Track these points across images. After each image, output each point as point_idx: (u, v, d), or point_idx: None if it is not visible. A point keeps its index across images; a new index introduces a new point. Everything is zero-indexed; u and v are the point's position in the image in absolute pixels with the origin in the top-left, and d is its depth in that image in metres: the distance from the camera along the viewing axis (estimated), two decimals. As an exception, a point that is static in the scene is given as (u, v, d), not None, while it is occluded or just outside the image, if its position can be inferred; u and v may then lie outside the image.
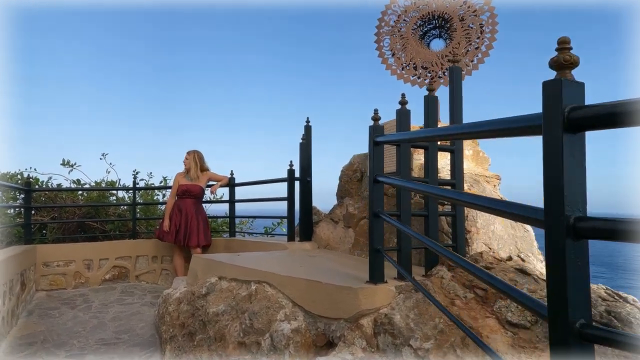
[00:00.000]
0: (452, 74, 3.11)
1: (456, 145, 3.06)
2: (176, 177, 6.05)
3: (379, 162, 2.71)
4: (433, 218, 2.92)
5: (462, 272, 2.64)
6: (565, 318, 1.12)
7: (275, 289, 3.11)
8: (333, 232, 4.78)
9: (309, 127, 5.26)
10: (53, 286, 6.10)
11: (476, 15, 4.29)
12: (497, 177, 3.78)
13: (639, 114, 0.96)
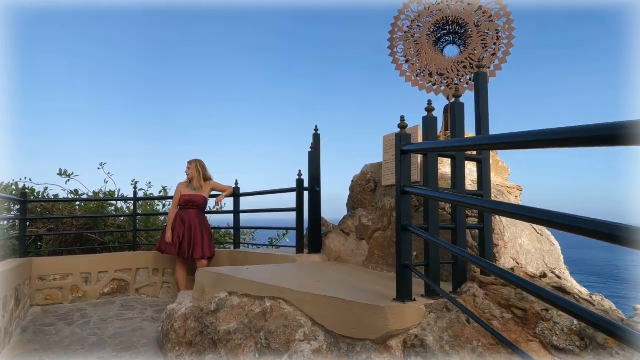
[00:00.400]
0: (477, 80, 2.98)
1: (483, 155, 2.91)
2: (178, 187, 5.85)
3: (407, 172, 2.55)
4: (461, 231, 2.76)
5: (496, 289, 2.48)
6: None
7: (293, 306, 2.92)
8: (344, 244, 4.61)
9: (318, 136, 5.11)
10: (49, 301, 5.86)
11: (492, 20, 4.17)
12: (518, 187, 3.64)
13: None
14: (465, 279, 2.78)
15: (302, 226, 5.05)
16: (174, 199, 5.84)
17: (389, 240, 3.88)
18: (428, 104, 2.76)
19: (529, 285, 1.54)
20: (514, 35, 4.09)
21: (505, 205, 1.76)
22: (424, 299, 2.60)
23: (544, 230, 3.32)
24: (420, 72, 4.26)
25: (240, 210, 6.10)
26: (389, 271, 3.82)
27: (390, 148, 4.03)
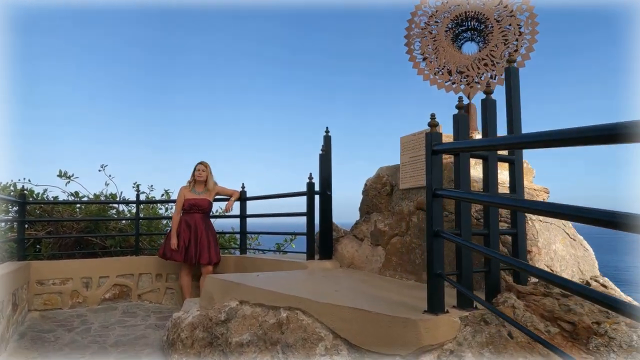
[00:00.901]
0: (508, 76, 2.79)
1: (516, 156, 2.72)
2: (181, 191, 5.63)
3: (438, 174, 2.36)
4: (494, 237, 2.56)
5: (537, 300, 2.29)
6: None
7: (311, 317, 2.72)
8: (358, 250, 4.41)
9: (329, 137, 4.91)
10: (48, 306, 5.65)
11: (513, 15, 3.99)
12: (545, 190, 3.45)
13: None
14: (498, 289, 2.58)
15: (313, 231, 4.85)
16: (177, 203, 5.63)
17: (408, 246, 3.69)
18: (459, 101, 2.58)
19: (607, 299, 1.35)
20: (537, 30, 3.90)
21: (563, 208, 1.56)
22: (457, 310, 2.40)
23: (577, 235, 3.13)
24: (438, 70, 4.07)
25: (247, 214, 5.89)
26: (408, 279, 3.62)
27: (409, 150, 3.85)
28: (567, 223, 3.16)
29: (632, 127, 1.21)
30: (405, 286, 3.32)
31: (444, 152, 2.40)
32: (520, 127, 2.75)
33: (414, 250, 3.61)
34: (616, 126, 1.27)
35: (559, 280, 1.62)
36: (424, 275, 3.48)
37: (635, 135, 1.20)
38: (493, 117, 2.65)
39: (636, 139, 1.21)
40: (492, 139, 2.33)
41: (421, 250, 3.53)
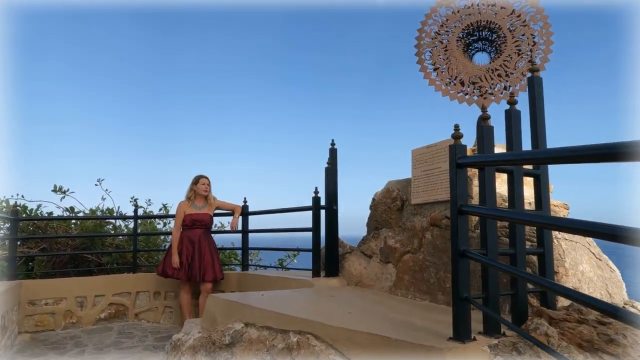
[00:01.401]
0: (532, 86, 2.65)
1: (541, 170, 2.56)
2: (181, 206, 5.40)
3: (463, 189, 2.20)
4: (521, 257, 2.39)
5: (572, 327, 2.11)
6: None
7: (324, 342, 2.53)
8: (366, 268, 4.22)
9: (335, 150, 4.75)
10: (39, 327, 5.41)
11: (526, 25, 3.87)
12: (565, 206, 3.29)
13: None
14: (526, 314, 2.40)
15: (319, 247, 4.66)
16: (176, 219, 5.39)
17: (421, 265, 3.50)
18: (483, 111, 2.42)
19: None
20: (552, 40, 3.78)
21: (606, 227, 1.40)
22: (484, 337, 2.21)
23: (602, 255, 2.96)
24: (450, 80, 3.94)
25: (249, 229, 5.69)
26: (422, 299, 3.44)
27: (421, 163, 3.69)
28: (591, 242, 2.99)
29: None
30: (421, 307, 3.14)
31: (469, 166, 2.24)
32: (545, 139, 2.60)
33: (427, 269, 3.43)
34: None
35: (610, 309, 1.45)
36: (439, 295, 3.30)
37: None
38: (518, 129, 2.50)
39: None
40: (522, 153, 2.18)
41: (436, 269, 3.35)
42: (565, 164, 1.81)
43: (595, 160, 1.47)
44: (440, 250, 3.33)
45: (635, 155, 1.27)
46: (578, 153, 1.56)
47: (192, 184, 5.41)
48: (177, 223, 5.36)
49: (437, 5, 4.11)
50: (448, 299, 3.20)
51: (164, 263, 5.32)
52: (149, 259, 6.77)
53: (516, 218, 1.99)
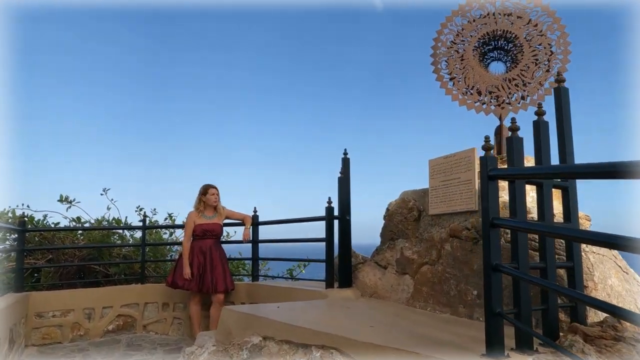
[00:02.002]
0: (558, 96, 2.61)
1: (570, 183, 2.52)
2: (191, 217, 5.28)
3: (495, 202, 2.15)
4: (552, 271, 2.35)
5: (609, 345, 2.05)
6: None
7: (349, 357, 2.47)
8: (381, 279, 4.16)
9: (347, 160, 4.71)
10: (46, 340, 5.33)
11: (543, 35, 3.85)
12: (587, 217, 3.24)
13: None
14: (557, 329, 2.35)
15: (332, 257, 4.61)
16: (186, 230, 5.27)
17: (440, 276, 3.45)
18: (512, 122, 2.39)
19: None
20: (569, 50, 3.76)
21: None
22: (517, 353, 2.16)
23: (629, 268, 2.92)
24: (467, 90, 3.91)
25: (259, 239, 5.63)
26: (442, 312, 3.38)
27: (439, 173, 3.65)
28: (617, 255, 2.94)
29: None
30: (443, 321, 3.08)
31: (501, 178, 2.20)
32: (573, 151, 2.57)
33: (447, 281, 3.37)
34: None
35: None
36: (460, 308, 3.24)
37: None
38: (546, 140, 2.46)
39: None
40: (556, 167, 2.15)
41: (456, 281, 3.29)
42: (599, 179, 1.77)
43: (632, 177, 1.44)
44: (461, 262, 3.28)
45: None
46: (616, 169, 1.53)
47: (201, 194, 5.31)
48: (187, 233, 5.25)
49: (453, 14, 4.09)
50: (470, 312, 3.14)
51: (173, 274, 5.22)
52: (156, 269, 6.70)
53: (550, 232, 1.95)
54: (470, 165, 3.35)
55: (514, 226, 2.10)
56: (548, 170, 2.08)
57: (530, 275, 2.17)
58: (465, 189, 3.37)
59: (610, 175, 1.58)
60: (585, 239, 1.79)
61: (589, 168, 1.70)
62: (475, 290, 3.14)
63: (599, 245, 1.95)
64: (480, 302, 3.06)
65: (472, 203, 3.30)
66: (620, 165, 1.48)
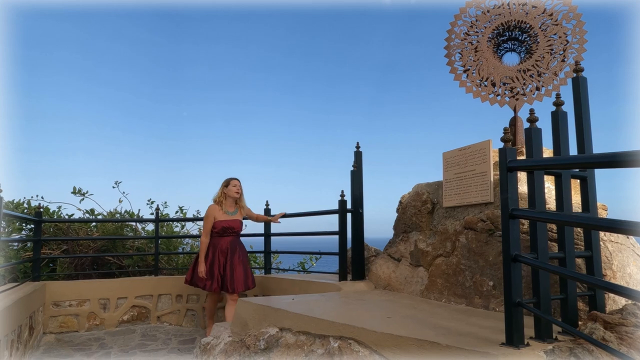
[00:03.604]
0: (577, 87, 2.60)
1: (588, 172, 2.52)
2: (211, 211, 4.94)
3: (514, 193, 2.16)
4: (571, 260, 2.35)
5: (630, 332, 2.06)
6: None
7: (369, 348, 2.49)
8: (395, 271, 4.18)
9: (360, 153, 4.73)
10: (63, 328, 5.43)
11: (558, 24, 3.82)
12: (603, 207, 3.24)
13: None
14: (576, 318, 2.36)
15: (346, 250, 4.63)
16: (206, 225, 4.95)
17: (455, 268, 3.46)
18: (530, 113, 2.38)
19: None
20: (585, 39, 3.72)
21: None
22: (536, 342, 2.17)
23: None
24: (481, 82, 3.89)
25: (271, 233, 5.67)
26: (457, 303, 3.39)
27: (453, 166, 3.65)
28: (635, 243, 2.94)
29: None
30: (460, 312, 3.09)
31: (520, 169, 2.20)
32: (591, 141, 2.56)
33: (462, 272, 3.38)
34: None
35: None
36: (475, 299, 3.25)
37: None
38: (565, 131, 2.46)
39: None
40: (577, 157, 2.13)
41: (472, 273, 3.30)
42: (622, 168, 1.77)
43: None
44: (476, 253, 3.28)
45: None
46: (637, 157, 1.54)
47: (223, 187, 5.07)
48: (206, 229, 4.95)
49: (467, 5, 4.07)
50: (485, 303, 3.16)
51: (192, 272, 4.98)
52: (169, 262, 6.77)
53: (571, 221, 1.95)
54: (486, 157, 3.35)
55: (534, 216, 2.10)
56: (568, 161, 2.07)
57: (552, 265, 2.17)
58: (480, 181, 3.37)
59: (630, 164, 1.59)
60: (606, 227, 1.79)
61: (609, 157, 1.70)
62: (491, 281, 3.15)
63: (620, 232, 1.95)
64: (496, 292, 3.07)
65: (488, 195, 3.30)
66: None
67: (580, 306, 2.57)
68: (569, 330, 2.01)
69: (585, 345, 2.04)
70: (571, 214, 2.30)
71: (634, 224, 1.58)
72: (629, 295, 1.66)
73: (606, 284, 1.76)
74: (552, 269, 2.04)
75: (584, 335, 1.91)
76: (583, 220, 1.96)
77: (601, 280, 1.85)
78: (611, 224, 1.73)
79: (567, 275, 2.00)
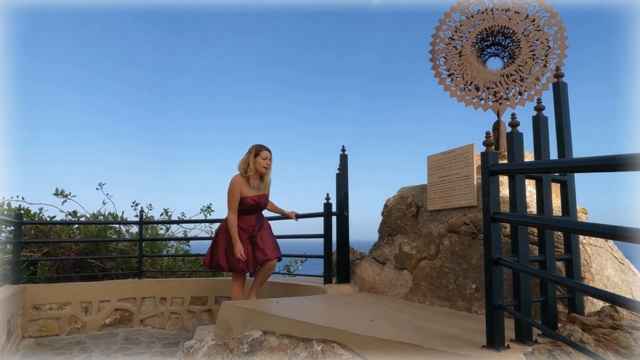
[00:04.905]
0: (557, 92, 2.64)
1: (568, 177, 2.55)
2: (237, 183, 4.09)
3: (496, 197, 2.18)
4: (551, 263, 2.38)
5: (607, 334, 2.09)
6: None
7: (352, 351, 2.50)
8: (380, 274, 4.19)
9: (345, 156, 4.74)
10: (43, 332, 5.33)
11: (540, 30, 3.88)
12: (583, 210, 3.28)
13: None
14: (556, 320, 2.39)
15: (331, 253, 4.63)
16: (232, 200, 4.07)
17: (439, 271, 3.48)
18: (512, 118, 2.41)
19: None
20: (567, 44, 3.79)
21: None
22: (517, 344, 2.20)
23: (624, 259, 2.97)
24: (465, 86, 3.93)
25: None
26: (441, 305, 3.41)
27: (437, 169, 3.67)
28: (613, 246, 2.99)
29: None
30: (443, 314, 3.11)
31: (502, 173, 2.23)
32: (571, 145, 2.60)
33: (446, 275, 3.41)
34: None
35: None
36: (458, 302, 3.28)
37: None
38: (546, 135, 2.50)
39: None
40: (557, 162, 2.17)
41: (455, 275, 3.33)
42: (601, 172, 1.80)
43: (633, 169, 1.48)
44: (460, 256, 3.31)
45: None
46: (616, 162, 1.57)
47: (250, 155, 4.16)
48: (233, 205, 4.08)
49: (452, 10, 4.11)
50: (468, 305, 3.18)
51: (222, 255, 4.19)
52: (153, 264, 6.70)
53: (551, 224, 1.98)
54: (469, 161, 3.38)
55: (515, 220, 2.13)
56: (548, 165, 2.11)
57: (532, 268, 2.20)
58: (463, 185, 3.40)
59: (610, 168, 1.61)
60: (585, 230, 1.83)
61: (589, 162, 1.73)
62: (473, 284, 3.17)
63: (599, 236, 1.99)
64: (479, 295, 3.10)
65: (471, 198, 3.33)
66: (620, 158, 1.53)
67: (560, 308, 2.60)
68: (549, 333, 2.04)
69: (563, 347, 2.07)
70: (551, 218, 2.33)
71: (612, 228, 1.60)
72: (607, 298, 1.68)
73: (584, 287, 1.78)
74: (532, 272, 2.06)
75: (562, 338, 1.94)
76: (563, 224, 1.99)
77: (579, 283, 1.88)
78: (590, 228, 1.76)
79: (547, 278, 2.02)
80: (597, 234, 1.77)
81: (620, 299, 1.64)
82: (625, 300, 1.63)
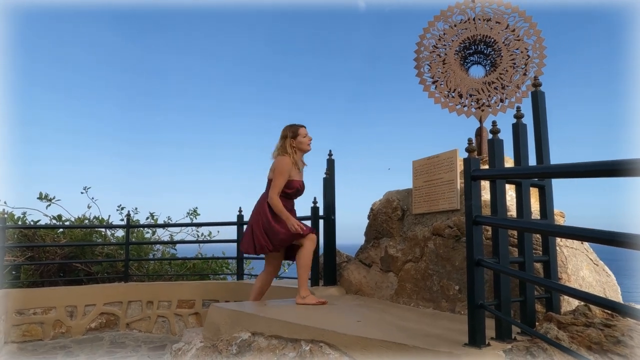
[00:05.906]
0: (535, 100, 2.76)
1: (546, 182, 2.67)
2: (289, 164, 3.76)
3: (478, 201, 2.28)
4: (529, 265, 2.49)
5: (580, 331, 2.20)
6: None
7: (339, 350, 2.57)
8: (366, 277, 4.27)
9: (332, 161, 4.82)
10: (27, 337, 5.30)
11: (520, 39, 4.02)
12: (561, 214, 3.41)
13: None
14: (534, 319, 2.50)
15: (318, 256, 4.70)
16: (279, 182, 3.71)
17: (423, 273, 3.58)
18: (493, 125, 2.52)
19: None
20: (545, 54, 3.93)
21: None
22: (497, 342, 2.29)
23: (599, 260, 3.09)
24: (448, 93, 4.05)
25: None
26: (425, 307, 3.50)
27: (422, 174, 3.78)
28: (589, 248, 3.12)
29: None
30: (427, 315, 3.20)
31: (483, 178, 2.33)
32: (549, 152, 2.72)
33: (430, 277, 3.50)
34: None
35: (625, 309, 1.54)
36: (442, 303, 3.37)
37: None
38: (525, 142, 2.61)
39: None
40: (535, 168, 2.28)
41: (439, 277, 3.42)
42: (575, 178, 1.91)
43: (607, 175, 1.59)
44: (443, 258, 3.41)
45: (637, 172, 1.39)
46: (590, 168, 1.68)
47: (288, 139, 3.84)
48: (278, 186, 3.72)
49: (435, 19, 4.23)
50: (452, 306, 3.28)
51: (253, 239, 3.87)
52: (139, 268, 6.69)
53: (530, 227, 2.08)
54: (453, 166, 3.48)
55: (495, 223, 2.23)
56: (527, 171, 2.21)
57: (511, 269, 2.30)
58: (447, 189, 3.51)
59: (584, 174, 1.72)
60: (562, 233, 1.93)
61: (565, 168, 1.84)
62: (457, 286, 3.27)
63: (574, 238, 2.10)
64: (462, 296, 3.20)
65: (455, 202, 3.44)
66: (594, 165, 1.64)
67: (539, 308, 2.71)
68: (526, 331, 2.13)
69: (540, 344, 2.17)
70: (530, 221, 2.44)
71: (588, 231, 1.70)
72: (582, 297, 1.79)
73: (561, 287, 1.88)
74: (511, 273, 2.16)
75: (539, 335, 2.04)
76: (541, 227, 2.09)
77: (557, 283, 1.98)
78: (567, 231, 1.87)
79: (526, 279, 2.12)
80: (573, 237, 1.88)
81: (593, 298, 1.74)
82: (598, 299, 1.74)
